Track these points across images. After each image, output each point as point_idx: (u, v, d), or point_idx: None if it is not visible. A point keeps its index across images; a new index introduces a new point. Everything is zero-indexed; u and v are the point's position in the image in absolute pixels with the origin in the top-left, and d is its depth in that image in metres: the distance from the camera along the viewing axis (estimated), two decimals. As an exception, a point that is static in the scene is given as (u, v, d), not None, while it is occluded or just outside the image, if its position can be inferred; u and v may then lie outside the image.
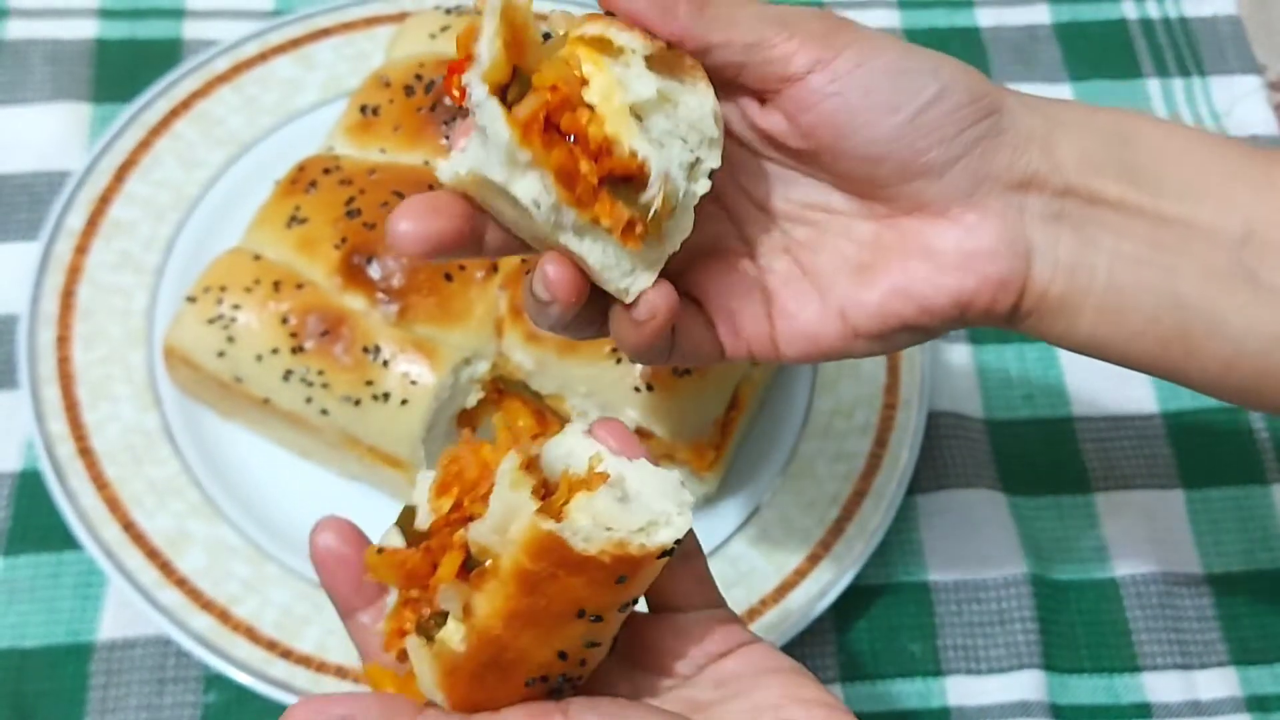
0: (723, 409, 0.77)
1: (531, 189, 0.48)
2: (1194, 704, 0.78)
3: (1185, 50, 1.06)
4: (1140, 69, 1.05)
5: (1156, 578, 0.82)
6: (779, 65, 0.50)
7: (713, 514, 0.80)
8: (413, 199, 0.50)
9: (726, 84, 0.52)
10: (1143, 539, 0.84)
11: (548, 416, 0.78)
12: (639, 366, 0.74)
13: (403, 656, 0.49)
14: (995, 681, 0.78)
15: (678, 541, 0.47)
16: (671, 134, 0.49)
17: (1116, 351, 0.52)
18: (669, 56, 0.50)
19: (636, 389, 0.75)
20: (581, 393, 0.76)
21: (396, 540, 0.50)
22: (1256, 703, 0.78)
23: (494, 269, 0.78)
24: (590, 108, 0.48)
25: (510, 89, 0.48)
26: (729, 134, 0.53)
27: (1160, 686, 0.79)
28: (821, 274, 0.54)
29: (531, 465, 0.47)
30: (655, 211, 0.49)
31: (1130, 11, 1.08)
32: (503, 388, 0.79)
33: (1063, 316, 0.52)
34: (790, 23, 0.50)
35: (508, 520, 0.45)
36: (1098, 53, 1.06)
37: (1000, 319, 0.53)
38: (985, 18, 1.08)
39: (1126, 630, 0.80)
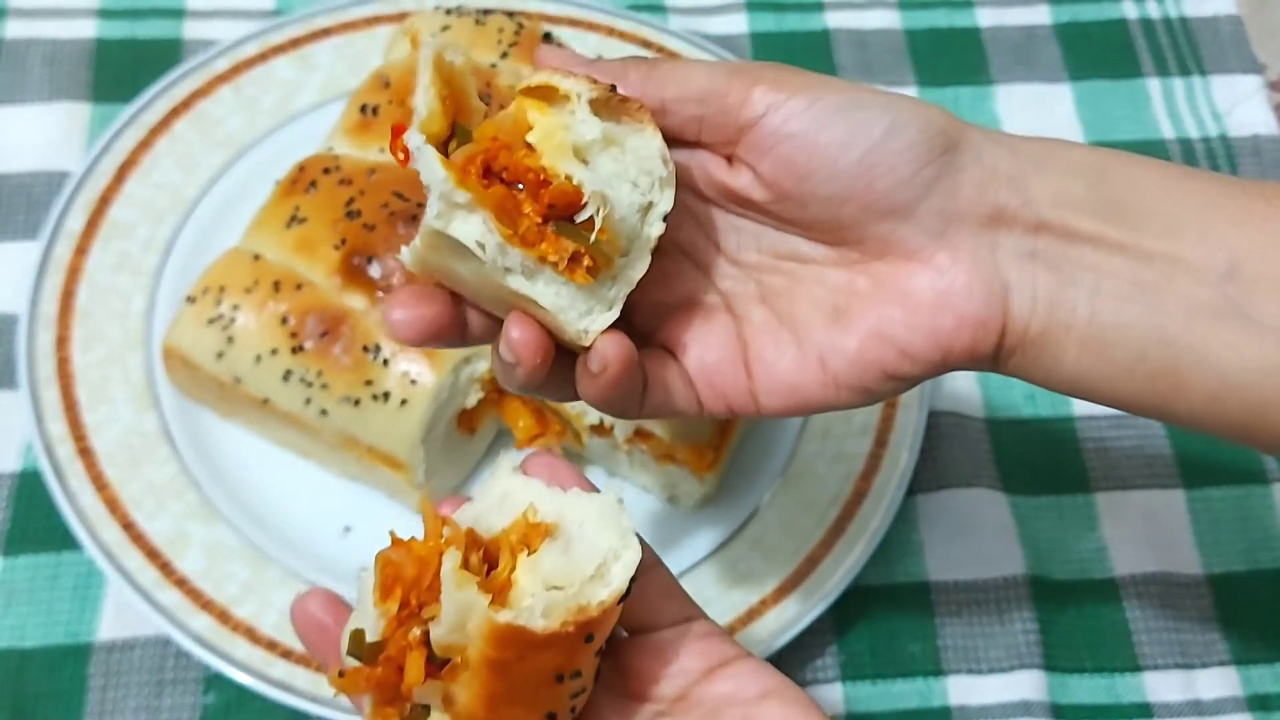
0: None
1: (473, 230, 0.48)
2: (1195, 703, 0.78)
3: (1186, 50, 1.06)
4: (1140, 69, 1.05)
5: (1157, 578, 0.82)
6: (734, 112, 0.50)
7: (712, 515, 0.80)
8: (400, 290, 0.52)
9: (688, 145, 0.52)
10: (1143, 539, 0.84)
11: (547, 416, 0.78)
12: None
13: None
14: (996, 681, 0.78)
15: (633, 579, 0.47)
16: (620, 176, 0.50)
17: (1103, 389, 0.51)
18: (615, 101, 0.50)
19: (636, 389, 0.74)
20: (581, 393, 0.76)
21: (354, 663, 0.49)
22: (1258, 702, 0.78)
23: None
24: (531, 149, 0.49)
25: (451, 143, 0.49)
26: (697, 193, 0.53)
27: (1161, 686, 0.79)
28: (798, 322, 0.53)
29: (471, 544, 0.47)
30: (596, 235, 0.48)
31: (1130, 11, 1.08)
32: (503, 387, 0.79)
33: (1046, 355, 0.51)
34: (742, 71, 0.51)
35: (463, 618, 0.45)
36: (1098, 53, 1.06)
37: (985, 360, 0.52)
38: (985, 18, 1.08)
39: (1127, 630, 0.80)
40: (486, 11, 0.89)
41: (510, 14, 0.91)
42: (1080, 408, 0.89)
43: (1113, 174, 0.51)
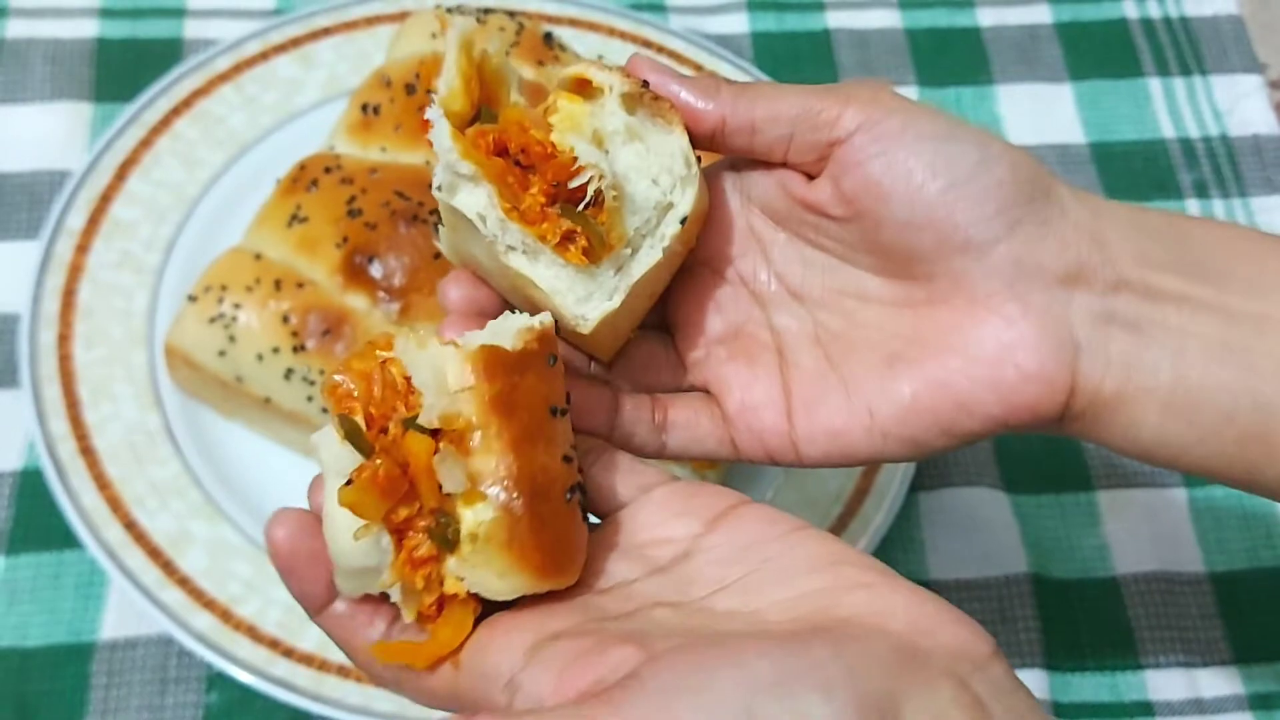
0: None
1: (477, 203, 0.48)
2: (1196, 702, 0.78)
3: (1186, 49, 1.06)
4: (1141, 68, 1.06)
5: (1159, 576, 0.82)
6: (826, 130, 0.50)
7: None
8: (456, 272, 0.53)
9: (774, 165, 0.52)
10: (1145, 537, 0.84)
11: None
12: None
13: (433, 615, 0.45)
14: (997, 680, 0.78)
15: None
16: (639, 171, 0.50)
17: (1188, 455, 0.49)
18: (647, 98, 0.50)
19: (639, 387, 0.74)
20: (583, 391, 0.76)
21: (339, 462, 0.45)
22: (1259, 701, 0.79)
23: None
24: (550, 130, 0.49)
25: (474, 125, 0.50)
26: (772, 217, 0.54)
27: (1163, 684, 0.79)
28: (850, 366, 0.52)
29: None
30: (591, 212, 0.49)
31: (1131, 11, 1.09)
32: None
33: (1121, 418, 0.49)
34: (836, 90, 0.50)
35: (441, 381, 0.44)
36: (1099, 52, 1.06)
37: (1051, 421, 0.50)
38: (986, 17, 1.08)
39: (1129, 628, 0.81)
40: (487, 11, 0.90)
41: (511, 14, 0.91)
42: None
43: (1193, 236, 0.50)
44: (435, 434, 0.44)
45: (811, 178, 0.51)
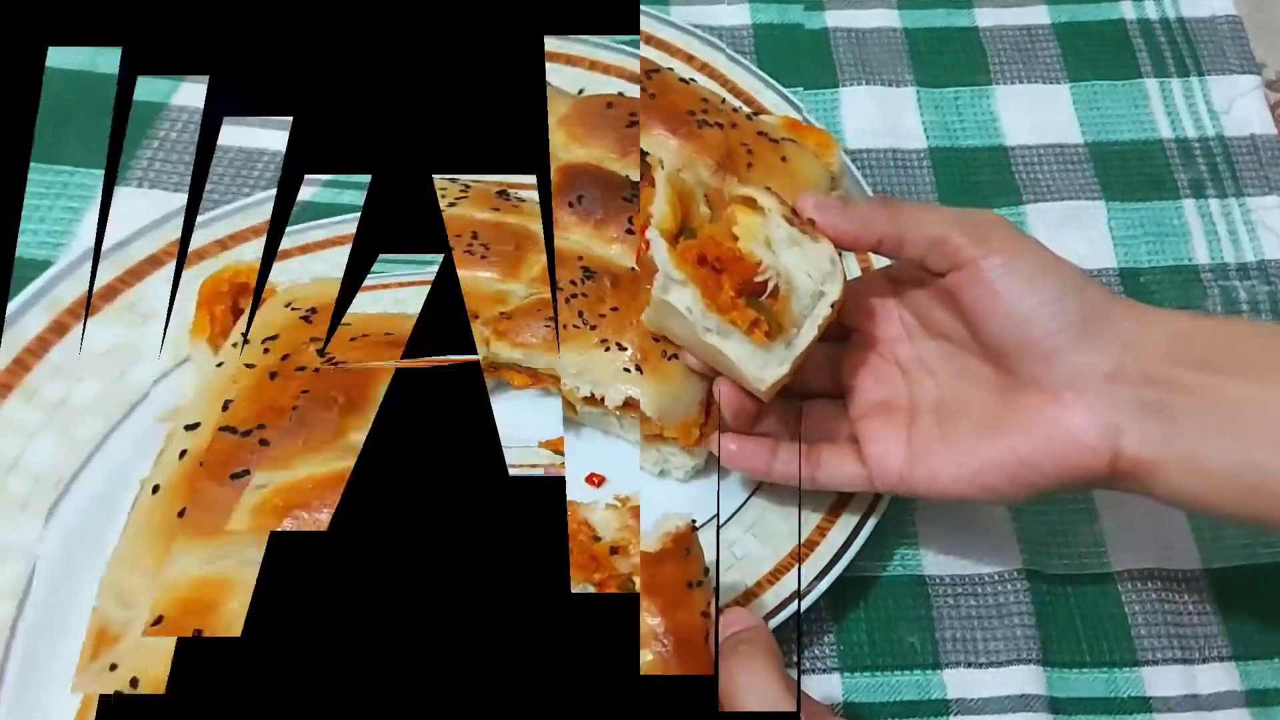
0: (708, 388, 0.77)
1: (685, 299, 0.67)
2: (1193, 698, 0.78)
3: (1184, 49, 1.07)
4: (1139, 69, 1.06)
5: (1155, 572, 0.82)
6: (950, 257, 0.67)
7: (709, 496, 0.80)
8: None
9: (914, 266, 0.70)
10: (1141, 533, 0.83)
11: (542, 377, 0.79)
12: (627, 352, 0.76)
13: None
14: (994, 674, 0.77)
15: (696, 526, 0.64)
16: (798, 268, 0.68)
17: (1205, 504, 0.64)
18: (798, 220, 0.69)
19: (626, 369, 0.76)
20: (572, 373, 0.77)
21: None
22: (1257, 697, 0.78)
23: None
24: (735, 239, 0.68)
25: (680, 238, 0.69)
26: (916, 315, 0.73)
27: (1159, 681, 0.78)
28: (954, 430, 0.70)
29: None
30: (771, 303, 0.66)
31: (1128, 11, 1.09)
32: (495, 364, 0.79)
33: (1156, 477, 0.64)
34: (960, 224, 0.67)
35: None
36: (1096, 53, 1.07)
37: (1101, 478, 0.66)
38: (984, 18, 1.09)
39: (1125, 624, 0.80)
40: (486, 3, 0.90)
41: (510, 5, 0.91)
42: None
43: (1213, 334, 0.66)
44: None
45: (942, 276, 0.69)
